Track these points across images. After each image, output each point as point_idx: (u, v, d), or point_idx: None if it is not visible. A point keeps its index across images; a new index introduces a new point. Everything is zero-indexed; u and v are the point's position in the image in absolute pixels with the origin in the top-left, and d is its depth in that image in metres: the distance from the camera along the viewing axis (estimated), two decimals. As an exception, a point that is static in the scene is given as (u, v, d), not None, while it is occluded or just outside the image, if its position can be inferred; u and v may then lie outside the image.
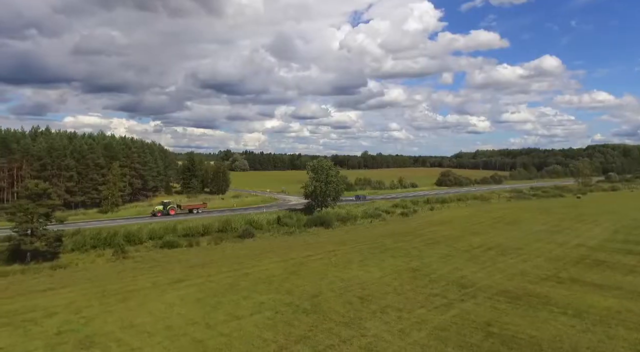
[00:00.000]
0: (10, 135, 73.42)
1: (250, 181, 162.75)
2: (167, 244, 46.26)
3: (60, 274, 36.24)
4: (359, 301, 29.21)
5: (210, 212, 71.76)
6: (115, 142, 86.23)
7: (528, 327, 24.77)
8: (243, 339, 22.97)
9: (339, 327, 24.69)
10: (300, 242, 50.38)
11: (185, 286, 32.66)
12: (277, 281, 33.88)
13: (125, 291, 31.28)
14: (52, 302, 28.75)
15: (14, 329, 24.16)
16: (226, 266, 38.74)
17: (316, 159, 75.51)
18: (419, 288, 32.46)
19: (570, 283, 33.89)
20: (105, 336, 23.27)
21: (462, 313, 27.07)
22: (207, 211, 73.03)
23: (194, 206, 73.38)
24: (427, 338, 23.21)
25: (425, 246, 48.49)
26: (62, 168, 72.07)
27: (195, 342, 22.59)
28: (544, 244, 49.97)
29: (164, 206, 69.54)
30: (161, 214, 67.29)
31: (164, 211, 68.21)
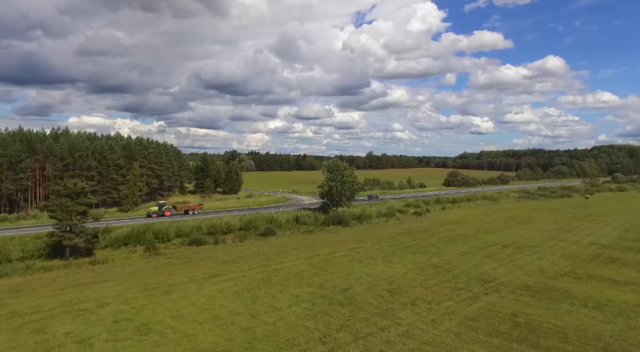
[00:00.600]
0: (33, 136, 75.44)
1: (258, 181, 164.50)
2: (195, 241, 48.01)
3: (100, 269, 38.09)
4: (389, 294, 30.88)
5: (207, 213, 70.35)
6: (133, 143, 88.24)
7: (552, 318, 26.36)
8: (287, 327, 24.67)
9: (375, 317, 26.36)
10: (321, 240, 52.07)
11: (221, 280, 34.38)
12: (307, 276, 35.58)
13: (166, 284, 33.04)
14: (100, 294, 30.53)
15: (73, 317, 25.96)
16: (255, 262, 40.47)
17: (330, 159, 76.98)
18: (443, 283, 34.09)
19: (588, 279, 35.44)
20: (159, 324, 25.02)
21: (487, 305, 28.70)
22: (204, 212, 71.51)
23: (189, 207, 71.98)
24: (459, 327, 24.87)
25: (442, 244, 50.09)
26: (84, 168, 74.06)
27: (243, 329, 24.30)
28: (557, 242, 51.49)
29: (159, 207, 68.41)
30: (156, 215, 66.05)
31: (159, 212, 66.87)
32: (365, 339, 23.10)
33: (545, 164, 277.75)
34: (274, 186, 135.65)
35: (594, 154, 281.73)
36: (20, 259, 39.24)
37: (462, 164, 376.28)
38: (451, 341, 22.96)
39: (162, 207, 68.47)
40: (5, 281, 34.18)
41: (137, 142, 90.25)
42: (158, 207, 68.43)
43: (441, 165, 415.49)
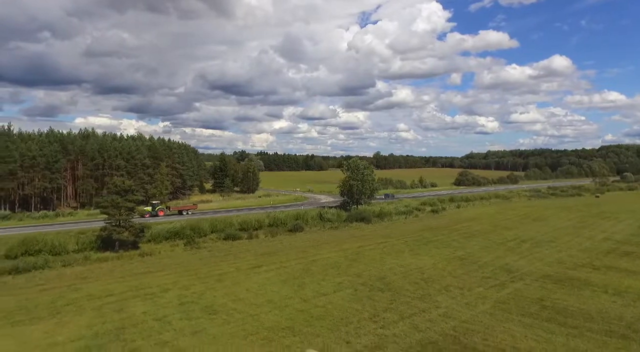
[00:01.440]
0: (65, 137, 78.83)
1: (270, 181, 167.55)
2: (230, 236, 50.93)
3: (150, 260, 41.13)
4: (423, 282, 33.64)
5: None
6: (157, 143, 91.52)
7: (576, 302, 28.98)
8: (337, 309, 27.48)
9: (414, 301, 29.13)
10: (348, 236, 54.85)
11: (265, 270, 37.25)
12: (344, 267, 38.39)
13: (216, 273, 35.97)
14: (159, 281, 33.52)
15: (143, 300, 28.94)
16: (292, 255, 43.34)
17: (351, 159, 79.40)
18: (470, 272, 36.78)
19: (605, 269, 37.97)
20: (222, 306, 27.91)
21: (515, 291, 31.37)
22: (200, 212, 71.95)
23: (184, 208, 71.50)
24: (492, 309, 27.57)
25: (463, 239, 52.71)
26: (113, 168, 77.34)
27: (299, 311, 27.14)
28: (572, 238, 53.92)
29: (152, 207, 67.76)
30: (149, 215, 65.51)
31: (153, 212, 66.50)
32: (410, 318, 25.85)
33: (553, 163, 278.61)
34: (286, 185, 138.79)
35: (602, 154, 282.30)
36: (76, 251, 42.33)
37: (469, 164, 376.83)
38: (487, 320, 25.66)
39: (155, 207, 67.80)
40: (71, 269, 37.29)
41: (161, 143, 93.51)
42: (151, 208, 67.68)
43: (448, 165, 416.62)
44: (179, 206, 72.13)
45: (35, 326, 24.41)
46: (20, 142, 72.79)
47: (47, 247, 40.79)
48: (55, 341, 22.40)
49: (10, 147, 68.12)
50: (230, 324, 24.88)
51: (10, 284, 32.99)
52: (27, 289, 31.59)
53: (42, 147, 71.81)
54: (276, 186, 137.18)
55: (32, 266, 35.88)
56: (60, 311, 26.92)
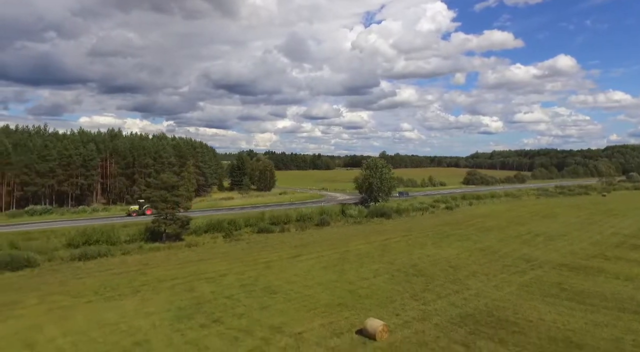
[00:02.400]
0: (96, 137, 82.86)
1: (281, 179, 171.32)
2: (263, 229, 54.75)
3: (198, 250, 45.00)
4: (451, 269, 37.29)
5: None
6: (183, 142, 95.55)
7: (591, 286, 32.54)
8: (380, 290, 31.17)
9: (447, 283, 32.80)
10: (371, 230, 58.55)
11: (305, 259, 40.99)
12: (376, 256, 42.09)
13: (262, 261, 39.73)
14: (214, 268, 37.31)
15: (207, 283, 32.73)
16: (325, 246, 47.08)
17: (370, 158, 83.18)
18: (492, 261, 40.40)
19: (616, 259, 41.47)
20: (279, 287, 31.65)
21: (536, 277, 34.96)
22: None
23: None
24: (517, 290, 31.20)
25: (480, 233, 56.30)
26: (142, 166, 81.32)
27: (347, 291, 30.84)
28: (583, 233, 57.38)
29: (139, 205, 68.18)
30: (136, 214, 66.20)
31: (140, 211, 66.97)
32: (446, 297, 29.51)
33: (558, 163, 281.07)
34: (298, 184, 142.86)
35: (608, 154, 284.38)
36: (127, 241, 46.24)
37: (475, 164, 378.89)
38: (514, 299, 29.29)
39: (142, 206, 67.91)
40: (130, 257, 41.25)
41: (185, 142, 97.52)
42: (139, 206, 68.10)
43: (453, 164, 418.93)
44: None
45: (124, 301, 28.25)
46: (56, 141, 76.88)
47: (103, 238, 44.71)
48: (149, 311, 26.21)
49: (49, 146, 72.18)
50: (290, 301, 28.62)
51: (84, 269, 36.91)
52: (101, 273, 35.51)
53: (77, 146, 75.80)
54: (290, 184, 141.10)
55: (97, 253, 39.74)
56: (139, 290, 30.77)
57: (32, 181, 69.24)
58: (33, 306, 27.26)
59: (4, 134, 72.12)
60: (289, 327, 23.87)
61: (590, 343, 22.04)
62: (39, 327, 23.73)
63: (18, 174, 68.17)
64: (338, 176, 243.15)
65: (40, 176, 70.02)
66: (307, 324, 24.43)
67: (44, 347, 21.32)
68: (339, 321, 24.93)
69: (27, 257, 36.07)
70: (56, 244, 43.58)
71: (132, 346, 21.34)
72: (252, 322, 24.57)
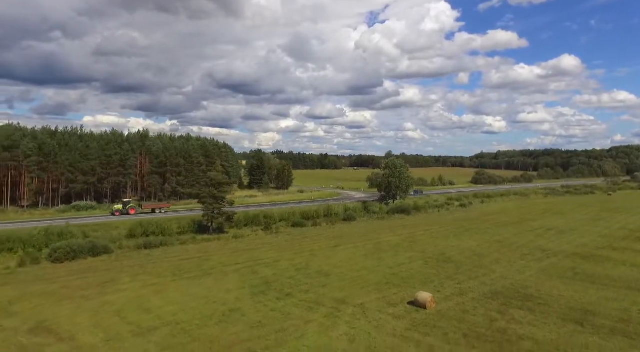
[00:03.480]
0: (130, 137, 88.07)
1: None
2: (297, 224, 59.66)
3: (244, 241, 49.97)
4: (476, 257, 42.04)
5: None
6: (208, 143, 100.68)
7: (601, 270, 37.19)
8: (419, 273, 35.95)
9: (475, 268, 37.54)
10: (396, 225, 63.38)
11: (343, 249, 45.83)
12: (406, 246, 46.90)
13: (307, 250, 44.62)
14: (265, 255, 42.20)
15: (266, 267, 37.63)
16: (358, 238, 51.91)
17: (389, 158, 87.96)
18: (511, 251, 45.11)
19: (623, 250, 46.08)
20: (330, 271, 36.47)
21: (551, 264, 39.65)
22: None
23: (156, 206, 73.01)
24: (537, 274, 35.91)
25: (496, 227, 61.01)
26: (174, 165, 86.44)
27: (390, 274, 35.64)
28: (591, 227, 61.96)
29: (123, 205, 68.53)
30: (119, 214, 66.49)
31: (123, 210, 67.48)
32: (477, 279, 34.27)
33: (563, 163, 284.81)
34: (309, 183, 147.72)
35: (612, 155, 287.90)
36: (179, 233, 51.22)
37: (479, 164, 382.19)
38: (535, 279, 34.02)
39: (126, 205, 68.56)
40: (188, 246, 46.28)
41: (211, 143, 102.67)
42: (122, 205, 68.51)
43: (458, 164, 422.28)
44: (152, 205, 74.02)
45: (202, 281, 33.18)
46: (93, 141, 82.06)
47: (158, 230, 49.72)
48: (227, 288, 31.13)
49: (90, 146, 77.33)
50: (344, 281, 33.47)
51: (153, 256, 41.92)
52: (169, 259, 40.52)
53: (114, 146, 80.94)
54: (302, 183, 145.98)
55: (160, 243, 44.73)
56: (209, 272, 35.71)
57: (76, 178, 74.39)
58: (129, 283, 32.25)
59: (48, 135, 77.27)
60: (350, 299, 28.72)
61: (602, 312, 26.74)
62: (144, 298, 28.70)
63: (63, 173, 73.32)
64: (347, 175, 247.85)
65: (83, 174, 75.16)
66: (364, 297, 29.28)
67: (158, 311, 26.24)
68: (390, 295, 29.76)
69: (104, 245, 41.05)
70: (118, 235, 48.56)
71: (229, 312, 26.21)
72: (319, 296, 29.44)
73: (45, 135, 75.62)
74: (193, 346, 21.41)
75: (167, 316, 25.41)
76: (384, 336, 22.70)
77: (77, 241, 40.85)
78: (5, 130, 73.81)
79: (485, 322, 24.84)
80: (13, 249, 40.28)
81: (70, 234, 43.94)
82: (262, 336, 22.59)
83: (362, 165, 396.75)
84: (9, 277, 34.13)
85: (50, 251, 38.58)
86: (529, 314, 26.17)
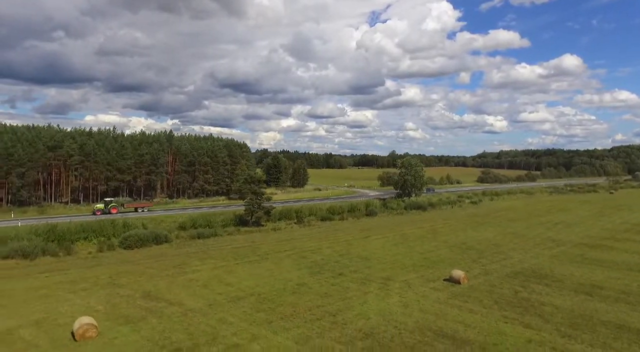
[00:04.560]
0: (161, 137, 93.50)
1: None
2: (325, 218, 65.00)
3: (283, 232, 55.33)
4: (494, 246, 47.32)
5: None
6: (232, 144, 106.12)
7: (606, 256, 42.45)
8: (447, 258, 41.23)
9: (494, 254, 42.82)
10: (415, 219, 68.70)
11: (375, 239, 51.09)
12: (430, 237, 52.19)
13: (342, 240, 49.92)
14: (307, 244, 47.50)
15: (311, 253, 42.89)
16: (384, 230, 57.22)
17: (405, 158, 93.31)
18: (524, 241, 50.37)
19: (625, 240, 51.34)
20: (368, 256, 41.74)
21: (561, 251, 44.90)
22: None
23: (139, 205, 73.37)
24: (550, 259, 41.19)
25: (507, 221, 66.27)
26: (202, 164, 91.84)
27: (422, 258, 40.95)
28: (595, 222, 67.21)
29: (105, 204, 68.39)
30: (100, 213, 65.82)
31: (105, 210, 67.00)
32: (498, 262, 39.56)
33: (565, 163, 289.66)
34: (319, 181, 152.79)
35: (614, 154, 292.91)
36: (223, 226, 56.54)
37: (482, 163, 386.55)
38: (548, 263, 39.32)
39: (108, 204, 68.30)
40: (236, 237, 51.65)
41: (233, 143, 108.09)
42: (104, 205, 68.26)
43: (461, 164, 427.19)
44: (134, 204, 74.32)
45: (262, 264, 38.47)
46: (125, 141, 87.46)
47: (204, 223, 55.07)
48: (286, 269, 36.43)
49: (125, 146, 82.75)
50: (384, 264, 38.78)
51: (207, 244, 47.35)
52: (223, 247, 45.86)
53: (146, 146, 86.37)
54: (318, 182, 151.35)
55: (211, 233, 50.11)
56: (265, 257, 41.04)
57: (114, 176, 79.81)
58: (200, 266, 37.59)
59: (87, 136, 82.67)
60: (395, 277, 34.04)
61: (608, 286, 31.99)
62: (220, 276, 34.04)
63: (102, 171, 78.74)
64: (353, 174, 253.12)
65: (120, 172, 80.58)
66: (406, 275, 34.61)
67: (238, 285, 31.57)
68: (427, 274, 35.10)
69: (165, 235, 46.45)
70: (169, 226, 53.93)
71: (297, 286, 31.49)
72: (367, 275, 34.75)
73: (83, 137, 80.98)
74: (280, 308, 26.72)
75: (247, 289, 30.72)
76: (431, 303, 28.01)
77: (143, 230, 46.23)
78: (48, 131, 79.20)
79: (511, 293, 30.16)
80: (87, 237, 45.65)
81: (132, 225, 49.30)
82: (331, 303, 27.88)
83: (366, 164, 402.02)
84: (95, 261, 39.56)
85: (121, 239, 43.96)
86: (546, 288, 31.46)
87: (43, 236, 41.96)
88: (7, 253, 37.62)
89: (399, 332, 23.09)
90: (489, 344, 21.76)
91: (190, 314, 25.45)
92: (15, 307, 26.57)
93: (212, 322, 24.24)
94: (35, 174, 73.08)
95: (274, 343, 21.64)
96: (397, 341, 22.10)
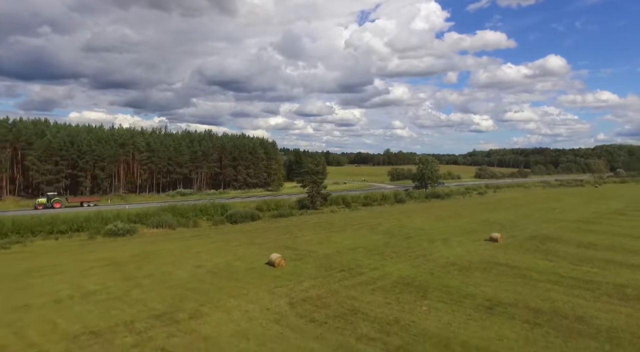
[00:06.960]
0: (205, 135, 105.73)
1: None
2: (366, 203, 78.52)
3: (340, 214, 68.48)
4: (510, 222, 61.14)
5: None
6: (265, 142, 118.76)
7: (596, 228, 56.35)
8: (479, 228, 54.75)
9: (514, 227, 56.52)
10: (437, 205, 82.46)
11: (417, 217, 64.40)
12: (457, 217, 65.84)
13: (392, 218, 63.19)
14: (365, 221, 60.64)
15: (377, 226, 56.16)
16: (419, 212, 70.69)
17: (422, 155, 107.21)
18: (532, 220, 64.18)
19: (609, 219, 65.54)
20: (420, 228, 55.09)
21: (563, 225, 58.76)
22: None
23: (85, 200, 73.92)
24: (555, 229, 54.95)
25: (514, 207, 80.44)
26: (244, 159, 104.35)
27: (460, 229, 54.42)
28: (585, 208, 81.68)
29: (47, 198, 67.97)
30: (43, 207, 65.26)
31: (48, 204, 66.60)
32: (519, 231, 53.16)
33: (552, 161, 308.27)
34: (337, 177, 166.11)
35: (597, 153, 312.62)
36: (287, 209, 69.34)
37: (472, 161, 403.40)
38: (556, 232, 53.07)
39: (50, 198, 67.97)
40: (308, 217, 64.55)
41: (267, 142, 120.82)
42: (46, 199, 67.83)
43: (452, 162, 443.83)
44: (80, 198, 75.55)
45: (346, 233, 51.47)
46: (171, 139, 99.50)
47: (276, 206, 67.87)
48: (364, 235, 49.58)
49: (182, 144, 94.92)
50: (435, 232, 52.17)
51: (292, 222, 60.12)
52: (305, 223, 58.72)
53: (197, 144, 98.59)
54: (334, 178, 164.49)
55: (288, 214, 62.94)
56: (345, 229, 54.06)
57: (174, 170, 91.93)
58: (304, 233, 50.48)
59: (141, 136, 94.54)
60: (450, 238, 47.42)
61: (600, 244, 45.63)
62: (328, 238, 47.02)
63: (165, 165, 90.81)
64: (354, 171, 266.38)
65: (179, 166, 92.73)
66: (456, 237, 48.07)
67: (342, 243, 44.57)
68: (472, 237, 48.63)
69: (256, 214, 59.22)
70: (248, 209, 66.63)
71: (384, 244, 44.64)
72: (429, 237, 48.12)
73: (146, 135, 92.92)
74: (385, 253, 39.86)
75: (352, 245, 43.67)
76: (483, 250, 41.50)
77: (241, 209, 58.94)
78: (119, 130, 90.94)
79: (534, 247, 43.84)
80: (197, 215, 58.12)
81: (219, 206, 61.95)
82: (414, 251, 41.08)
83: (361, 162, 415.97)
84: (220, 230, 52.22)
85: (227, 216, 56.62)
86: (557, 244, 45.22)
87: (170, 213, 54.40)
88: (156, 223, 50.04)
89: (470, 263, 36.46)
90: (528, 268, 35.21)
91: (331, 255, 38.50)
92: (214, 252, 39.29)
93: (349, 259, 37.29)
94: (112, 167, 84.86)
95: (398, 267, 34.80)
96: (472, 267, 35.46)
